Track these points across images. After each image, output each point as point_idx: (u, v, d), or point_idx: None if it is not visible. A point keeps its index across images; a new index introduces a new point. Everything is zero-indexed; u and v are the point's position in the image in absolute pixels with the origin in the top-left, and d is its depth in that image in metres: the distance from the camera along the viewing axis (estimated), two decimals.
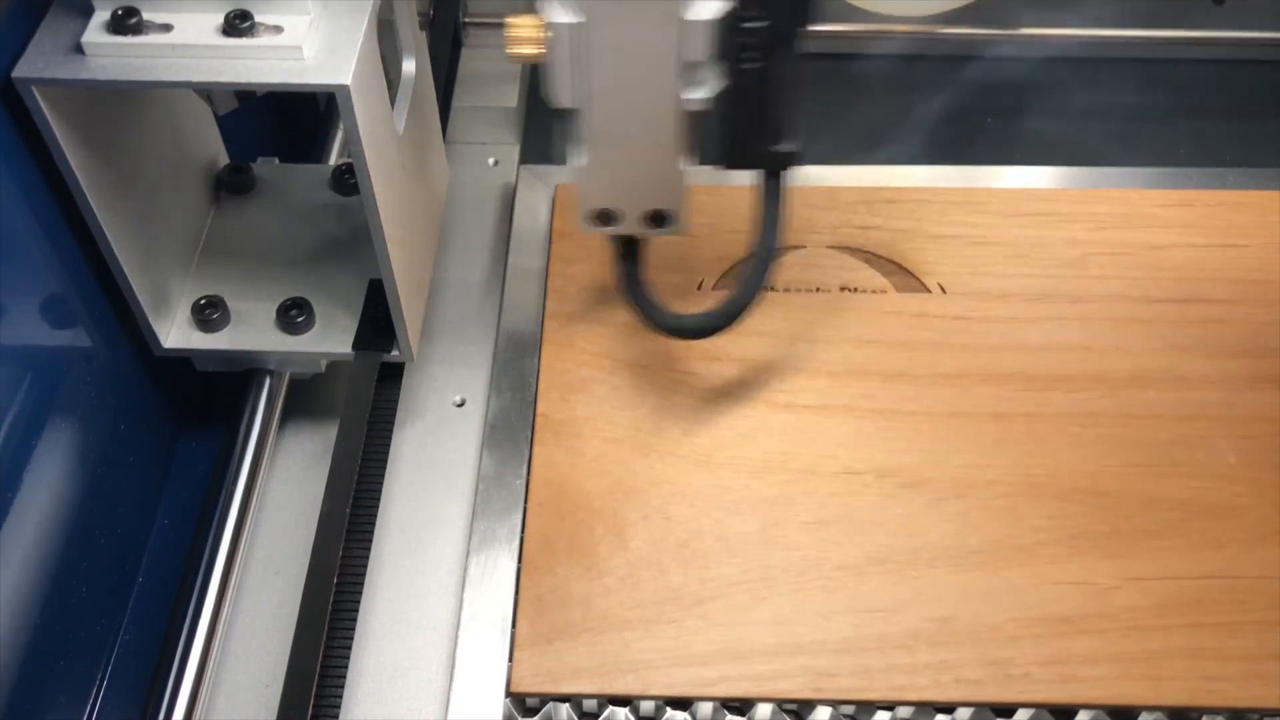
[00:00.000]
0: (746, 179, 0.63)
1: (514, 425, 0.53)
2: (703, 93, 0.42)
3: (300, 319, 0.49)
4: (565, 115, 0.43)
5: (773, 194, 0.46)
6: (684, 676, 0.45)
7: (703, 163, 0.45)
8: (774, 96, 0.43)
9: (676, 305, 0.56)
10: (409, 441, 0.54)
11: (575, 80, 0.41)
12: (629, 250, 0.49)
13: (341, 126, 0.54)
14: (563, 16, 0.40)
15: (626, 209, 0.46)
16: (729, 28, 0.40)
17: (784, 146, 0.44)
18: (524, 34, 0.41)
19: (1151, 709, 0.45)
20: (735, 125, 0.44)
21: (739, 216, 0.60)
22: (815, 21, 0.41)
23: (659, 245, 0.59)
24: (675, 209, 0.46)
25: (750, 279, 0.47)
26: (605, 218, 0.47)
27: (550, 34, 0.40)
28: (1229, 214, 0.60)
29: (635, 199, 0.46)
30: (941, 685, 0.45)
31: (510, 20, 0.41)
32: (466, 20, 0.68)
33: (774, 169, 0.46)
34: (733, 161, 0.45)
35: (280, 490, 0.52)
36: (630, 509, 0.49)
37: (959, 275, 0.57)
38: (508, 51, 0.42)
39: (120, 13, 0.39)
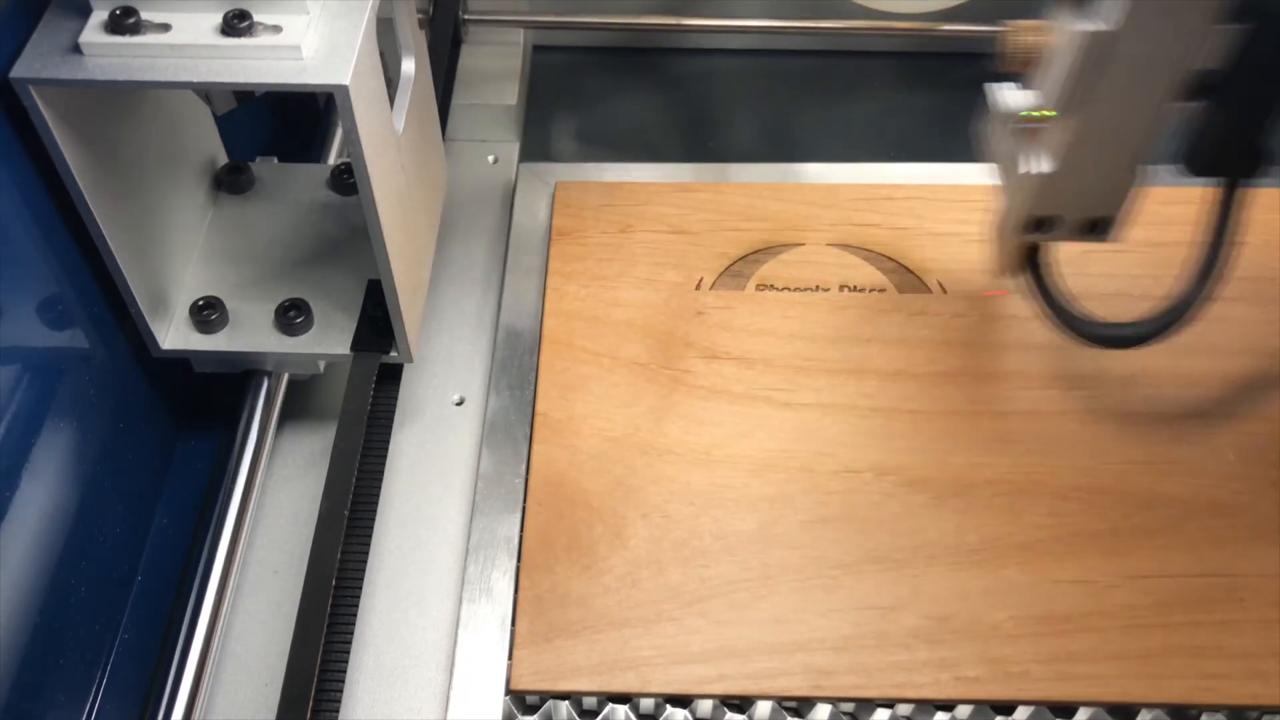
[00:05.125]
0: (746, 176, 0.63)
1: (513, 424, 0.53)
2: (1191, 98, 0.41)
3: (299, 320, 0.49)
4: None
5: (1235, 202, 0.44)
6: (683, 674, 0.45)
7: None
8: (1264, 101, 0.41)
9: (677, 302, 0.56)
10: (408, 440, 0.54)
11: (1075, 86, 0.40)
12: (1036, 258, 0.48)
13: (340, 126, 0.54)
14: (1086, 24, 0.39)
15: (1068, 215, 0.45)
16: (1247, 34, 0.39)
17: (1256, 155, 0.43)
18: (1023, 40, 0.42)
19: (1151, 706, 0.45)
20: (1214, 129, 0.42)
21: (738, 215, 0.60)
22: None
23: (656, 243, 0.59)
24: (1115, 216, 0.45)
25: (1191, 289, 0.45)
26: (1042, 225, 0.45)
27: (1060, 40, 0.40)
28: None
29: (1080, 205, 0.45)
30: (941, 683, 0.45)
31: (1012, 24, 0.42)
32: (466, 17, 0.68)
33: (1242, 175, 0.44)
34: (1201, 166, 0.43)
35: (279, 490, 0.52)
36: (629, 508, 0.49)
37: (959, 273, 0.57)
38: (1008, 54, 0.42)
39: (118, 12, 0.39)
